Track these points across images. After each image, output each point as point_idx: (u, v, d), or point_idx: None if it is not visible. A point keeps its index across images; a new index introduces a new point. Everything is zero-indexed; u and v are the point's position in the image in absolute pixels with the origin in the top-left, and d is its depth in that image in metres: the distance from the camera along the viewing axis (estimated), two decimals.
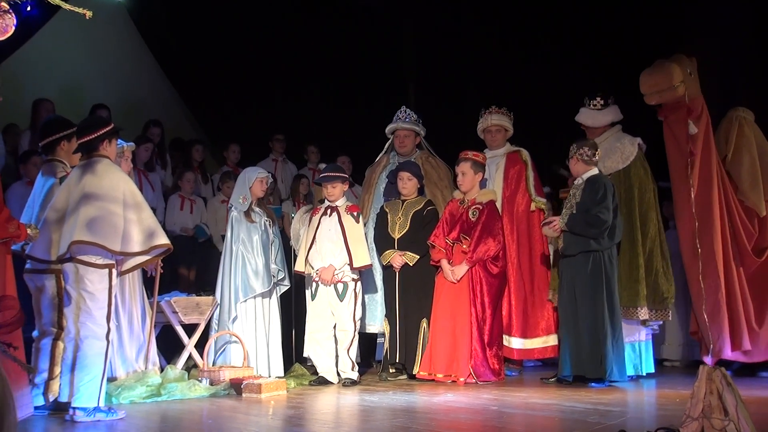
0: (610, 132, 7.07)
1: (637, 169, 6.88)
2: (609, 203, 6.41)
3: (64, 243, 5.13)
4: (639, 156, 6.91)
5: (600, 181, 6.51)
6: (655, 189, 6.92)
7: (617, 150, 6.92)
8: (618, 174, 6.88)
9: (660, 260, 6.78)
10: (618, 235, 6.50)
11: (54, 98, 8.63)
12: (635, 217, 6.81)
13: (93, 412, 5.09)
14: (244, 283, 6.91)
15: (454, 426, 4.97)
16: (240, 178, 7.20)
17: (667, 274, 6.78)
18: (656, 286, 6.74)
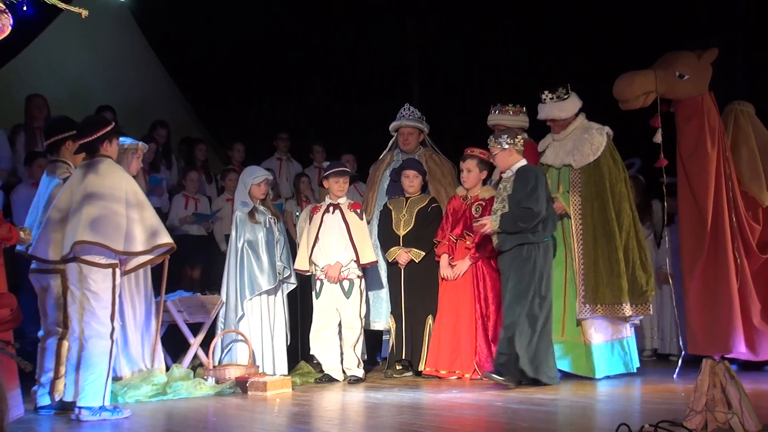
0: (576, 122, 6.88)
1: (607, 160, 6.70)
2: (540, 193, 6.21)
3: (67, 243, 5.15)
4: (608, 146, 6.75)
5: (530, 171, 6.32)
6: (626, 178, 6.76)
7: (586, 142, 6.75)
8: (588, 167, 6.72)
9: (637, 252, 6.60)
10: (551, 226, 6.31)
11: (59, 99, 8.66)
12: (609, 209, 6.61)
13: (98, 411, 5.11)
14: (251, 281, 6.94)
15: (460, 422, 4.98)
16: (239, 181, 7.23)
17: (645, 265, 6.62)
18: (634, 279, 6.56)
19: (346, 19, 10.43)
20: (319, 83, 10.38)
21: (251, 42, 10.15)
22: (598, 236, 6.59)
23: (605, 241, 6.58)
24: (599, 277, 6.53)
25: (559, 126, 6.89)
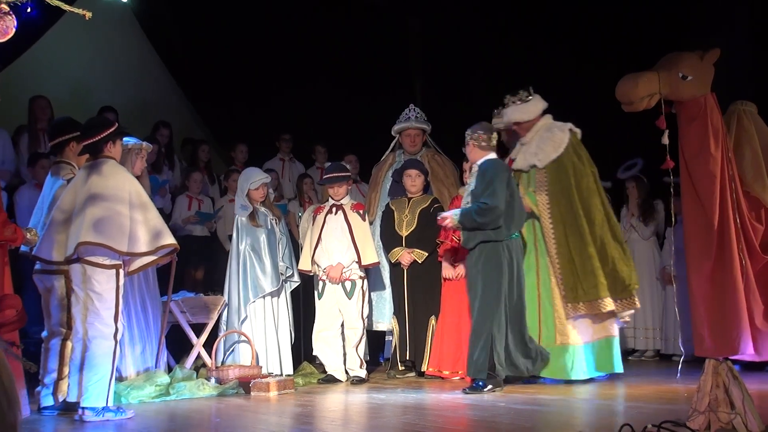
0: (540, 123, 6.82)
1: (570, 157, 6.64)
2: (497, 188, 6.08)
3: (71, 244, 5.16)
4: (572, 142, 6.68)
5: (489, 166, 6.23)
6: (596, 173, 6.68)
7: (548, 140, 6.71)
8: (552, 164, 6.66)
9: (614, 247, 6.51)
10: (516, 225, 6.21)
11: (62, 100, 8.68)
12: (577, 206, 6.53)
13: (102, 412, 5.12)
14: (254, 284, 6.95)
15: (463, 423, 4.98)
16: (238, 185, 7.24)
17: (626, 259, 6.53)
18: (616, 274, 6.46)
19: (348, 19, 10.44)
20: (321, 84, 10.38)
21: (254, 43, 10.16)
22: (569, 234, 6.50)
23: (576, 238, 6.50)
24: (575, 275, 6.45)
25: (523, 129, 6.82)
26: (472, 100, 9.77)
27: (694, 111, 4.76)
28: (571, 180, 6.60)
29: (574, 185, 6.58)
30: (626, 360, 8.31)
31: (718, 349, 4.39)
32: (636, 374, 6.96)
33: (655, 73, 4.54)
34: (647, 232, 8.50)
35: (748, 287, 5.04)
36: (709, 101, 4.80)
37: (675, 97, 4.66)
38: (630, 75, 4.56)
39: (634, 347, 8.48)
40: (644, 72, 4.55)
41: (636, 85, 4.50)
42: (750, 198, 5.47)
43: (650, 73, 4.54)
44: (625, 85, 4.52)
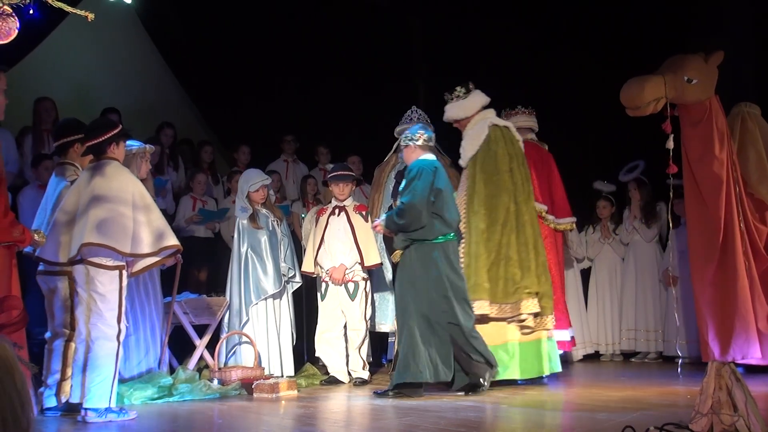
0: (476, 119, 6.64)
1: (484, 154, 6.47)
2: (416, 187, 5.93)
3: (74, 245, 5.17)
4: (490, 138, 6.49)
5: (415, 166, 6.09)
6: (515, 170, 6.44)
7: (469, 137, 6.58)
8: (470, 162, 6.52)
9: (514, 248, 6.26)
10: (448, 223, 6.01)
11: (65, 101, 8.67)
12: (478, 205, 6.35)
13: (104, 413, 5.12)
14: (256, 286, 6.95)
15: (464, 424, 4.97)
16: (238, 187, 7.24)
17: (526, 261, 6.24)
18: (503, 276, 6.21)
19: (350, 20, 10.44)
20: (324, 85, 10.39)
21: (257, 44, 10.16)
22: (469, 233, 6.34)
23: (472, 236, 6.32)
24: (467, 275, 6.26)
25: (462, 126, 6.71)
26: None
27: (699, 114, 4.75)
28: (476, 178, 6.44)
29: (480, 182, 6.41)
30: (628, 362, 8.32)
31: (723, 354, 4.38)
32: (638, 376, 6.95)
33: (661, 77, 4.52)
34: (649, 235, 8.49)
35: (752, 290, 5.04)
36: (713, 104, 4.79)
37: (680, 101, 4.65)
38: (635, 79, 4.53)
39: (635, 349, 8.47)
40: (650, 76, 4.53)
41: (642, 90, 4.47)
42: (754, 200, 5.46)
43: (656, 77, 4.52)
44: (631, 89, 4.49)
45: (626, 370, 7.56)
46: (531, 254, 6.35)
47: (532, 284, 6.28)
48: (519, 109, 7.65)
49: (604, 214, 8.74)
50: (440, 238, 6.02)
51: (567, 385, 6.41)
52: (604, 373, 7.55)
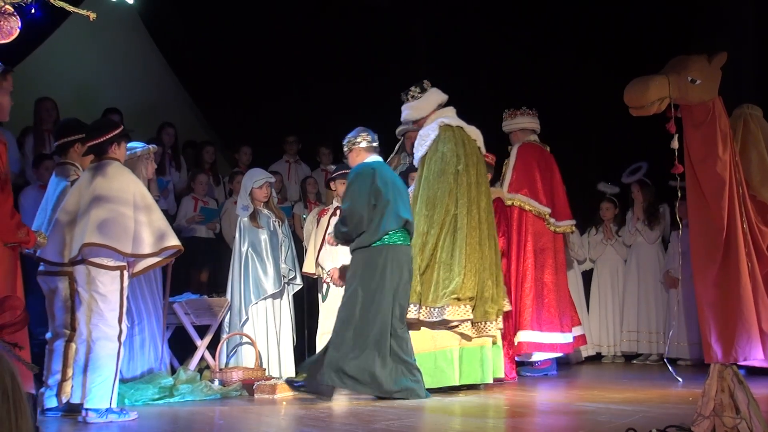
0: (430, 119, 6.48)
1: (431, 154, 6.29)
2: (353, 192, 5.83)
3: (75, 245, 5.17)
4: (439, 138, 6.32)
5: (352, 171, 5.99)
6: (463, 171, 6.25)
7: (420, 137, 6.44)
8: (421, 161, 6.38)
9: (449, 252, 6.07)
10: (389, 224, 5.79)
11: (67, 101, 8.67)
12: (420, 206, 6.18)
13: (105, 414, 5.11)
14: (256, 285, 6.95)
15: (466, 426, 4.96)
16: (242, 184, 7.24)
17: (455, 266, 6.02)
18: (437, 279, 6.04)
19: (352, 21, 10.44)
20: (326, 85, 10.38)
21: (258, 45, 10.16)
22: (414, 237, 6.15)
23: (415, 240, 6.14)
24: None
25: (420, 126, 6.57)
26: (477, 102, 9.76)
27: (703, 115, 4.74)
28: (423, 179, 6.31)
29: (426, 183, 6.27)
30: (630, 364, 8.31)
31: (726, 356, 4.37)
32: (639, 378, 6.94)
33: (665, 77, 4.51)
34: (652, 236, 8.48)
35: (755, 291, 5.02)
36: (717, 105, 4.78)
37: (684, 101, 4.64)
38: (639, 79, 4.53)
39: (637, 351, 8.46)
40: (653, 76, 4.52)
41: (647, 89, 4.47)
42: (756, 202, 5.45)
43: (660, 77, 4.51)
44: (635, 89, 4.49)
45: (628, 372, 7.55)
46: (472, 258, 6.10)
47: (464, 290, 6.02)
48: (524, 110, 7.63)
49: (608, 215, 8.73)
50: (385, 239, 5.82)
51: (568, 386, 6.40)
52: (606, 375, 7.53)
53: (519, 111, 7.59)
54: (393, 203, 5.84)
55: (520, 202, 7.29)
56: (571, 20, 9.65)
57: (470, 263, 6.09)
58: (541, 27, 9.87)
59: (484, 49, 10.33)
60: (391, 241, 5.82)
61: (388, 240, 5.82)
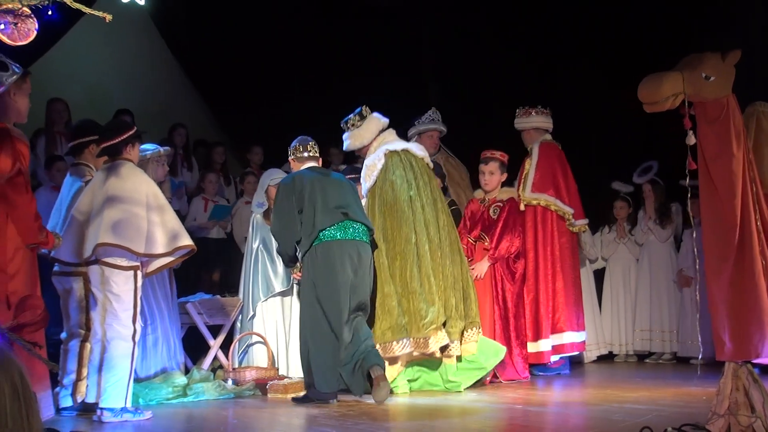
0: (375, 144, 6.41)
1: (380, 184, 6.23)
2: (276, 209, 5.90)
3: (89, 245, 5.19)
4: (386, 167, 6.23)
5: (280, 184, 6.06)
6: (415, 197, 6.14)
7: (366, 168, 6.36)
8: (369, 194, 6.32)
9: (418, 281, 5.97)
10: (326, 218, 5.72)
11: (78, 103, 8.71)
12: (378, 236, 6.10)
13: (120, 413, 5.14)
14: (265, 282, 6.97)
15: (480, 425, 4.97)
16: (260, 182, 7.30)
17: (430, 294, 5.95)
18: (414, 310, 5.94)
19: (361, 22, 10.45)
20: (336, 86, 10.39)
21: (269, 46, 10.19)
22: (379, 272, 6.07)
23: (379, 273, 6.07)
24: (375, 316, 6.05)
25: (364, 154, 6.47)
26: (486, 104, 9.77)
27: (716, 112, 4.74)
28: (376, 210, 6.20)
29: (380, 215, 6.16)
30: (643, 363, 8.29)
31: (739, 353, 4.36)
32: (652, 377, 6.93)
33: (679, 73, 4.52)
34: (664, 235, 8.46)
35: None
36: (731, 102, 4.78)
37: (698, 98, 4.64)
38: (653, 75, 4.53)
39: (650, 350, 8.44)
40: (667, 72, 4.53)
41: (661, 85, 4.48)
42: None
43: (674, 73, 4.52)
44: (649, 85, 4.50)
45: (640, 371, 7.54)
46: (437, 282, 6.03)
47: (438, 317, 5.94)
48: (539, 109, 7.60)
49: (621, 214, 8.71)
50: (323, 236, 5.75)
51: (581, 386, 6.40)
52: (619, 374, 7.52)
53: (534, 109, 7.57)
54: (322, 201, 5.79)
55: (546, 202, 7.27)
56: (581, 20, 9.64)
57: (439, 289, 6.04)
58: (551, 26, 9.86)
59: (493, 48, 10.33)
60: (330, 236, 5.74)
61: (326, 236, 5.75)
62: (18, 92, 4.76)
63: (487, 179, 6.99)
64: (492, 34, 10.31)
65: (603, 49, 9.33)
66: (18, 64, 4.80)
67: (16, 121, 4.87)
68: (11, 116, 4.80)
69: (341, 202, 5.82)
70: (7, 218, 4.60)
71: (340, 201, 5.83)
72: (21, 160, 4.71)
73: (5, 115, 4.77)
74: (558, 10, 9.71)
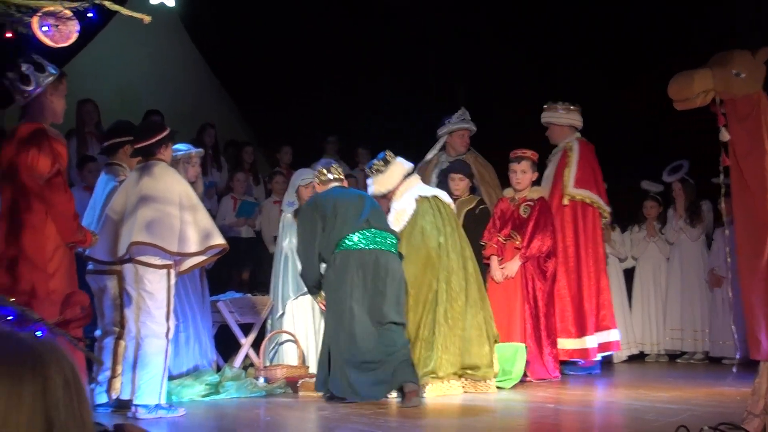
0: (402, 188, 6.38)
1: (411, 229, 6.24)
2: (299, 234, 6.00)
3: (123, 244, 5.25)
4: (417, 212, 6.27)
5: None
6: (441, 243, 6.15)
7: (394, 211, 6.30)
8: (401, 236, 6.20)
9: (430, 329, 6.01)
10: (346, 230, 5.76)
11: (108, 103, 8.79)
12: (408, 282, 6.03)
13: (155, 409, 5.19)
14: (294, 281, 7.00)
15: (511, 423, 4.98)
16: (291, 182, 7.35)
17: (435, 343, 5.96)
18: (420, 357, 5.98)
19: (390, 22, 10.47)
20: (366, 86, 10.42)
21: (298, 45, 10.23)
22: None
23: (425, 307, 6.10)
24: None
25: (389, 199, 6.41)
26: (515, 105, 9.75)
27: (747, 108, 4.71)
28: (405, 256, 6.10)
29: (408, 261, 6.09)
30: (674, 363, 8.25)
31: None
32: (684, 377, 6.89)
33: (709, 70, 4.51)
34: (695, 234, 8.40)
35: None
36: (761, 98, 4.75)
37: (728, 95, 4.62)
38: (683, 72, 4.52)
39: (681, 349, 8.39)
40: (698, 69, 4.51)
41: (692, 81, 4.46)
42: None
43: (704, 70, 4.50)
44: (680, 82, 4.49)
45: (672, 371, 7.50)
46: (452, 331, 6.03)
47: (440, 367, 5.94)
48: (576, 106, 7.56)
49: (652, 214, 8.65)
50: (343, 245, 5.76)
51: (612, 385, 6.38)
52: (650, 374, 7.49)
53: (573, 107, 7.53)
54: (344, 213, 5.80)
55: (591, 198, 7.28)
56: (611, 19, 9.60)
57: (451, 337, 6.03)
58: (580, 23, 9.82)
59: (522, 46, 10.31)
60: (350, 244, 5.74)
61: (346, 244, 5.75)
62: (54, 93, 4.84)
63: (519, 178, 6.99)
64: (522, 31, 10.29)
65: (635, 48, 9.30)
66: (53, 65, 4.88)
67: (52, 122, 4.95)
68: (48, 117, 4.88)
69: (365, 213, 5.84)
70: (47, 217, 4.68)
71: (364, 212, 5.85)
72: (59, 160, 4.79)
73: (42, 115, 4.85)
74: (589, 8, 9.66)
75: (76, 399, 1.18)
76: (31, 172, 4.67)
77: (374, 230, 5.79)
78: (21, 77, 4.76)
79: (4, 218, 4.72)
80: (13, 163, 4.73)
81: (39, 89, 4.77)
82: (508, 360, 6.34)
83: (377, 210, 6.00)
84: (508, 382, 6.30)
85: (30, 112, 4.88)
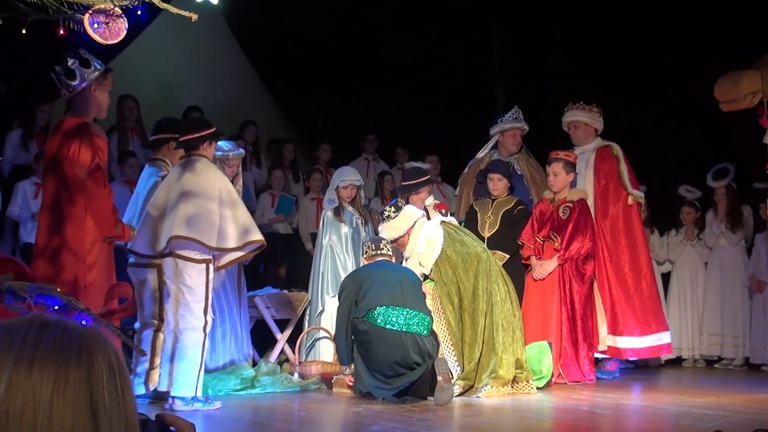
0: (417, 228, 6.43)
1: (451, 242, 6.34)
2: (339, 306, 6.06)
3: (163, 238, 5.33)
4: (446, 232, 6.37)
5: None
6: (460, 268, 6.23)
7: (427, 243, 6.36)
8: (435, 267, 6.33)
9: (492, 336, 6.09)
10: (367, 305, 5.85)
11: (149, 99, 8.89)
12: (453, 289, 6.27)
13: (191, 402, 5.26)
14: (333, 279, 7.06)
15: (545, 425, 4.96)
16: (332, 179, 7.41)
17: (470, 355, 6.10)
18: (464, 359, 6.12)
19: (431, 21, 10.48)
20: (406, 85, 10.43)
21: (339, 44, 10.27)
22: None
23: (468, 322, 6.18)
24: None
25: (402, 244, 6.44)
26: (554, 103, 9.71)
27: None
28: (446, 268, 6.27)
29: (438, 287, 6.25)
30: (712, 368, 8.16)
31: None
32: (722, 383, 6.81)
33: (758, 72, 4.46)
34: (735, 239, 8.30)
35: None
36: None
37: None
38: (730, 73, 4.48)
39: (720, 355, 8.29)
40: (746, 70, 4.47)
41: (739, 83, 4.42)
42: None
43: (752, 72, 4.46)
44: (726, 83, 4.45)
45: (710, 377, 7.41)
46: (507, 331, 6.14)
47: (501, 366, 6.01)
48: (598, 107, 7.51)
49: (689, 219, 8.57)
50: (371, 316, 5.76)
51: (648, 389, 6.32)
52: (686, 379, 7.42)
53: (597, 108, 7.49)
54: (381, 282, 5.85)
55: (642, 199, 7.30)
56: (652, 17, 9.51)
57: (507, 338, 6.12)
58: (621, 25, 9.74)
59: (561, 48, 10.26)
60: (380, 318, 5.74)
61: (376, 317, 5.75)
62: (99, 88, 4.93)
63: (552, 180, 6.98)
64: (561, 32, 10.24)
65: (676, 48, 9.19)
66: (99, 60, 4.96)
67: (96, 116, 5.03)
68: (92, 111, 4.97)
69: (402, 287, 5.87)
70: (86, 211, 4.76)
71: (402, 286, 5.88)
72: (99, 154, 4.87)
73: (86, 109, 4.94)
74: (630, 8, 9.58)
75: (120, 385, 1.22)
76: (74, 164, 4.76)
77: (407, 309, 5.79)
78: (67, 72, 4.86)
79: (48, 210, 4.82)
80: (56, 156, 4.82)
81: (84, 84, 4.86)
82: (533, 359, 6.32)
83: (416, 289, 6.00)
84: (541, 380, 6.27)
85: (75, 106, 4.98)
